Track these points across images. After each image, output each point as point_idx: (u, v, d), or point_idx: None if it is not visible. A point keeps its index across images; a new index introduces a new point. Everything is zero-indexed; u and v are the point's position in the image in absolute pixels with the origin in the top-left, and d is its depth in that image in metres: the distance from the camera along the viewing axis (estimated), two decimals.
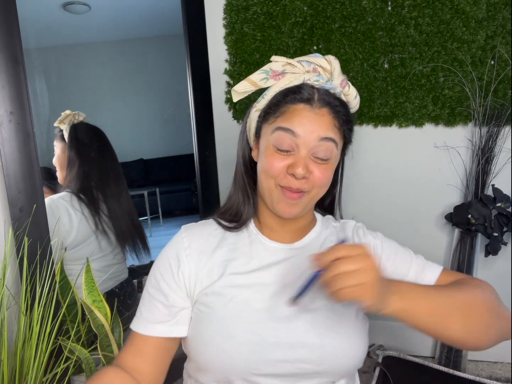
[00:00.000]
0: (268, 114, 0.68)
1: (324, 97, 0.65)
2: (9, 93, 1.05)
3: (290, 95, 0.65)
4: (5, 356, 0.88)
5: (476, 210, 1.45)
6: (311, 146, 0.64)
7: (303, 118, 0.64)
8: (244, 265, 0.71)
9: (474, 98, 1.49)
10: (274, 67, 0.67)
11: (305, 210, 0.70)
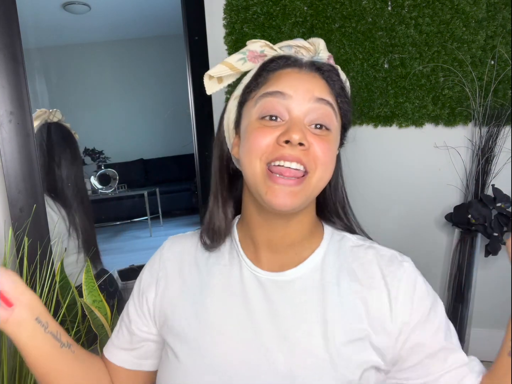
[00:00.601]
0: (248, 91, 0.55)
1: (313, 63, 0.54)
2: (9, 93, 1.05)
3: (274, 61, 0.54)
4: (5, 356, 0.88)
5: (476, 210, 1.45)
6: (306, 108, 0.51)
7: (293, 79, 0.52)
8: (217, 299, 0.58)
9: (474, 98, 1.49)
10: (251, 47, 0.57)
11: (306, 202, 0.53)
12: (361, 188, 1.67)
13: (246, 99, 0.56)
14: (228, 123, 0.60)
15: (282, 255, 0.58)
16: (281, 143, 0.49)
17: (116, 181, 3.70)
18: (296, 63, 0.54)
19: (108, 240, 3.61)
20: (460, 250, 1.54)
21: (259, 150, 0.50)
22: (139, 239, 3.72)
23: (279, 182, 0.49)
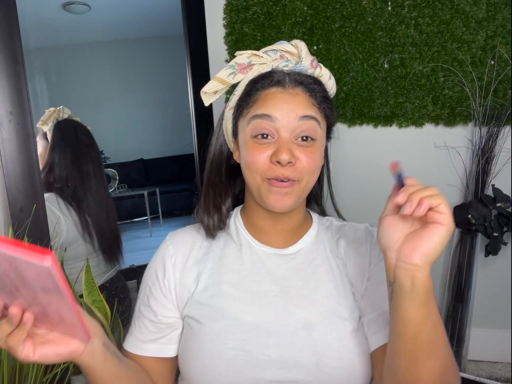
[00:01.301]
0: (241, 107, 0.64)
1: (295, 77, 0.61)
2: (9, 93, 1.05)
3: (260, 82, 0.61)
4: (5, 356, 0.88)
5: (476, 210, 1.45)
6: (291, 127, 0.59)
7: (278, 101, 0.60)
8: (233, 273, 0.66)
9: (474, 98, 1.49)
10: (239, 61, 0.64)
11: (298, 202, 0.64)
12: (361, 188, 1.67)
13: (239, 115, 0.64)
14: (227, 129, 0.69)
15: (284, 236, 0.69)
16: (273, 162, 0.59)
17: (116, 181, 3.70)
18: (280, 83, 0.61)
19: None
20: (460, 250, 1.54)
21: (257, 168, 0.61)
22: (139, 239, 3.72)
23: (277, 185, 0.60)
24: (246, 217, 0.71)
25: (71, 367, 1.02)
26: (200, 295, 0.65)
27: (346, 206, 0.84)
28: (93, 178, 1.46)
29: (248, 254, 0.67)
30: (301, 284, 0.65)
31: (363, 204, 1.69)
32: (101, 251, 1.45)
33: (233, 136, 0.68)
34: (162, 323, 0.66)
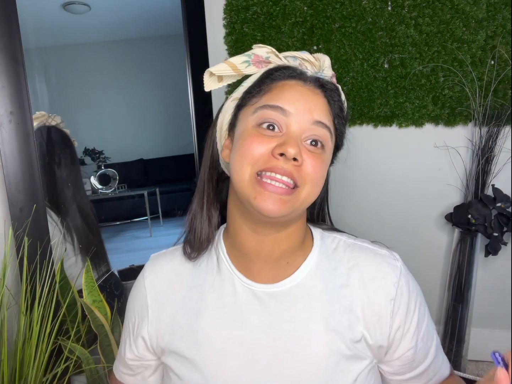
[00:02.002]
0: (249, 96, 0.55)
1: (317, 78, 0.54)
2: (9, 93, 1.05)
3: (279, 71, 0.54)
4: (5, 356, 0.88)
5: (476, 210, 1.45)
6: (304, 128, 0.51)
7: (296, 93, 0.52)
8: (213, 318, 0.56)
9: (474, 98, 1.49)
10: (257, 52, 0.56)
11: (294, 213, 0.52)
12: (361, 188, 1.67)
13: (245, 104, 0.55)
14: (222, 123, 0.59)
15: (273, 265, 0.57)
16: (275, 155, 0.49)
17: (116, 181, 3.70)
18: (301, 76, 0.53)
19: (108, 240, 3.60)
20: (460, 250, 1.54)
21: (252, 157, 0.50)
22: (139, 239, 3.72)
23: (269, 189, 0.49)
24: (229, 238, 0.60)
25: (71, 367, 1.02)
26: (177, 344, 0.57)
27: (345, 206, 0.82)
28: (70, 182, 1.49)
29: (231, 293, 0.57)
30: (291, 335, 0.54)
31: (363, 204, 1.69)
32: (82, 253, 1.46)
33: (228, 129, 0.58)
34: (143, 359, 0.63)
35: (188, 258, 0.60)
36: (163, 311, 0.59)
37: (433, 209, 1.65)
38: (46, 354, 0.93)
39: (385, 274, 0.55)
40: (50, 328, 0.94)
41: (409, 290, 0.56)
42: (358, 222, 1.70)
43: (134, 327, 0.62)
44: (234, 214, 0.58)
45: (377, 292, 0.55)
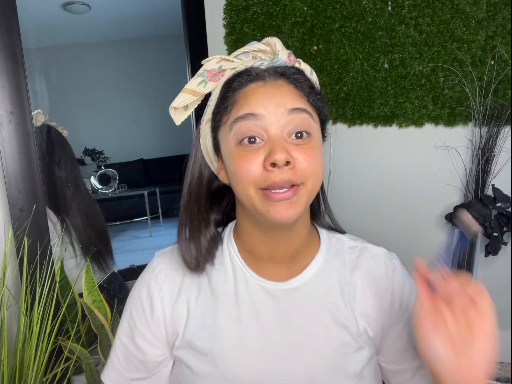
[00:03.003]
0: (219, 115, 0.54)
1: (276, 70, 0.53)
2: (9, 93, 1.05)
3: (236, 80, 0.53)
4: (5, 356, 0.88)
5: (476, 210, 1.45)
6: (282, 123, 0.50)
7: (260, 95, 0.51)
8: (228, 314, 0.57)
9: (474, 98, 1.49)
10: (208, 67, 0.55)
11: (306, 207, 0.53)
12: (361, 188, 1.67)
13: (218, 124, 0.55)
14: (207, 148, 0.59)
15: (285, 265, 0.59)
16: (268, 168, 0.48)
17: (116, 181, 3.70)
18: (259, 76, 0.52)
19: None
20: (460, 250, 1.54)
21: (249, 179, 0.50)
22: (139, 239, 3.72)
23: (277, 198, 0.49)
24: (240, 241, 0.61)
25: (71, 367, 1.02)
26: (192, 338, 0.57)
27: (345, 206, 0.83)
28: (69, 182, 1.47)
29: (244, 290, 0.58)
30: (303, 328, 0.56)
31: (363, 203, 1.69)
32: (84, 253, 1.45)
33: (215, 153, 0.58)
34: (152, 362, 0.60)
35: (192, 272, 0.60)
36: (177, 307, 0.59)
37: (433, 208, 1.65)
38: (46, 354, 0.93)
39: (383, 272, 0.60)
40: (50, 328, 0.94)
41: (403, 285, 0.60)
42: (358, 222, 1.70)
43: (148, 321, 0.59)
44: (246, 224, 0.59)
45: (376, 289, 0.59)
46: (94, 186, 3.57)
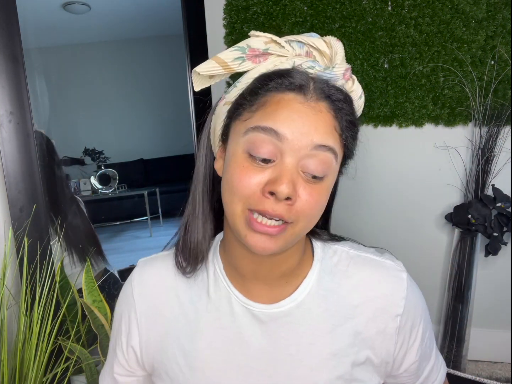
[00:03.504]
0: (241, 106, 0.47)
1: (323, 87, 0.45)
2: (9, 93, 1.05)
3: (275, 80, 0.45)
4: (5, 356, 0.88)
5: (476, 210, 1.45)
6: (301, 155, 0.43)
7: (293, 113, 0.43)
8: (208, 339, 0.52)
9: (474, 98, 1.49)
10: (253, 44, 0.48)
11: (286, 247, 0.47)
12: (361, 188, 1.67)
13: (236, 116, 0.48)
14: (215, 128, 0.52)
15: (272, 286, 0.52)
16: (266, 194, 0.43)
17: (116, 181, 3.70)
18: (302, 89, 0.44)
19: (108, 240, 3.61)
20: (460, 250, 1.54)
21: (242, 195, 0.44)
22: (139, 239, 3.72)
23: (259, 229, 0.44)
24: (225, 255, 0.54)
25: (71, 367, 1.02)
26: (169, 365, 0.53)
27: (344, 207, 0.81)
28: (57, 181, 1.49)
29: (228, 313, 0.52)
30: (293, 358, 0.50)
31: (363, 204, 1.69)
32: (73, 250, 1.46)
33: (221, 140, 0.51)
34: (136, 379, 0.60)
35: (183, 273, 0.54)
36: (153, 328, 0.55)
37: (433, 209, 1.65)
38: (46, 354, 0.93)
39: (392, 290, 0.52)
40: (50, 328, 0.94)
41: (415, 303, 0.53)
42: (358, 222, 1.70)
43: (122, 339, 0.57)
44: (229, 234, 0.52)
45: (383, 310, 0.51)
46: (94, 186, 3.57)
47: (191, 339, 0.53)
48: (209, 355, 0.52)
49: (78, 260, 1.47)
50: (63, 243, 1.42)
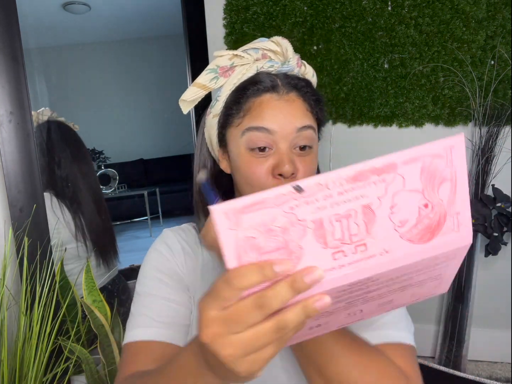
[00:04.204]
0: (230, 117, 0.58)
1: (288, 81, 0.57)
2: (9, 93, 1.05)
3: (251, 88, 0.56)
4: (5, 356, 0.88)
5: (476, 210, 1.45)
6: (290, 139, 0.55)
7: (274, 110, 0.55)
8: (216, 272, 0.63)
9: (474, 98, 1.49)
10: (221, 63, 0.58)
11: None
12: None
13: (228, 123, 0.58)
14: (210, 138, 0.63)
15: None
16: (275, 175, 0.55)
17: (116, 181, 3.70)
18: (274, 88, 0.56)
19: None
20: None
21: (259, 183, 0.55)
22: (139, 239, 3.72)
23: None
24: None
25: (71, 367, 1.02)
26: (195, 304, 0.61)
27: None
28: (86, 178, 1.46)
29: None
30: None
31: None
32: (96, 252, 1.44)
33: (219, 145, 0.62)
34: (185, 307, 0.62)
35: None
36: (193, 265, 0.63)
37: None
38: (46, 354, 0.93)
39: None
40: (50, 328, 0.94)
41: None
42: None
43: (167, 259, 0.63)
44: None
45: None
46: None
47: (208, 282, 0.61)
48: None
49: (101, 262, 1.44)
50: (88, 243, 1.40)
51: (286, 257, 0.28)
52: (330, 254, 0.29)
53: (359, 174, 0.28)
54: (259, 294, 0.28)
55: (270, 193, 0.27)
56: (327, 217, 0.28)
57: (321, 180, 0.27)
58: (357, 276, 0.29)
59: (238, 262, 0.28)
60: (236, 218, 0.27)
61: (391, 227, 0.29)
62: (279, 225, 0.28)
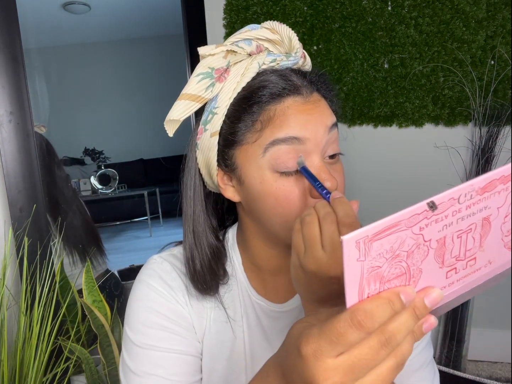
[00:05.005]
0: (239, 132, 0.45)
1: (307, 79, 0.47)
2: (9, 93, 1.05)
3: (264, 92, 0.44)
4: (5, 356, 0.88)
5: None
6: (322, 146, 0.45)
7: (303, 115, 0.44)
8: (228, 325, 0.53)
9: (474, 98, 1.49)
10: (215, 64, 0.45)
11: None
12: (360, 188, 1.67)
13: (236, 142, 0.46)
14: (208, 162, 0.50)
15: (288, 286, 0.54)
16: (314, 195, 0.44)
17: (116, 181, 3.70)
18: (297, 90, 0.45)
19: (108, 240, 3.61)
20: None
21: (295, 207, 0.44)
22: (139, 239, 3.72)
23: None
24: (246, 253, 0.54)
25: (71, 367, 1.02)
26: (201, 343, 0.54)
27: None
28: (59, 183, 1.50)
29: (251, 307, 0.54)
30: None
31: (362, 204, 1.69)
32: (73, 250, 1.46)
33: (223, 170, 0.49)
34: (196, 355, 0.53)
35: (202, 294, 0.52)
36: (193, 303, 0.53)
37: None
38: (46, 354, 0.93)
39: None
40: (50, 328, 0.94)
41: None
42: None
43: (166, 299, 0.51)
44: (256, 242, 0.52)
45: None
46: (94, 186, 3.57)
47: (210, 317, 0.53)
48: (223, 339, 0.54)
49: (78, 260, 1.47)
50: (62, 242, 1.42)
51: (406, 283, 0.25)
52: (444, 273, 0.26)
53: (489, 184, 0.25)
54: (382, 330, 0.24)
55: (405, 214, 0.24)
56: (450, 234, 0.25)
57: (454, 195, 0.25)
58: (461, 290, 0.28)
59: (359, 297, 0.24)
60: (366, 247, 0.23)
61: (499, 237, 0.27)
62: (406, 249, 0.24)
